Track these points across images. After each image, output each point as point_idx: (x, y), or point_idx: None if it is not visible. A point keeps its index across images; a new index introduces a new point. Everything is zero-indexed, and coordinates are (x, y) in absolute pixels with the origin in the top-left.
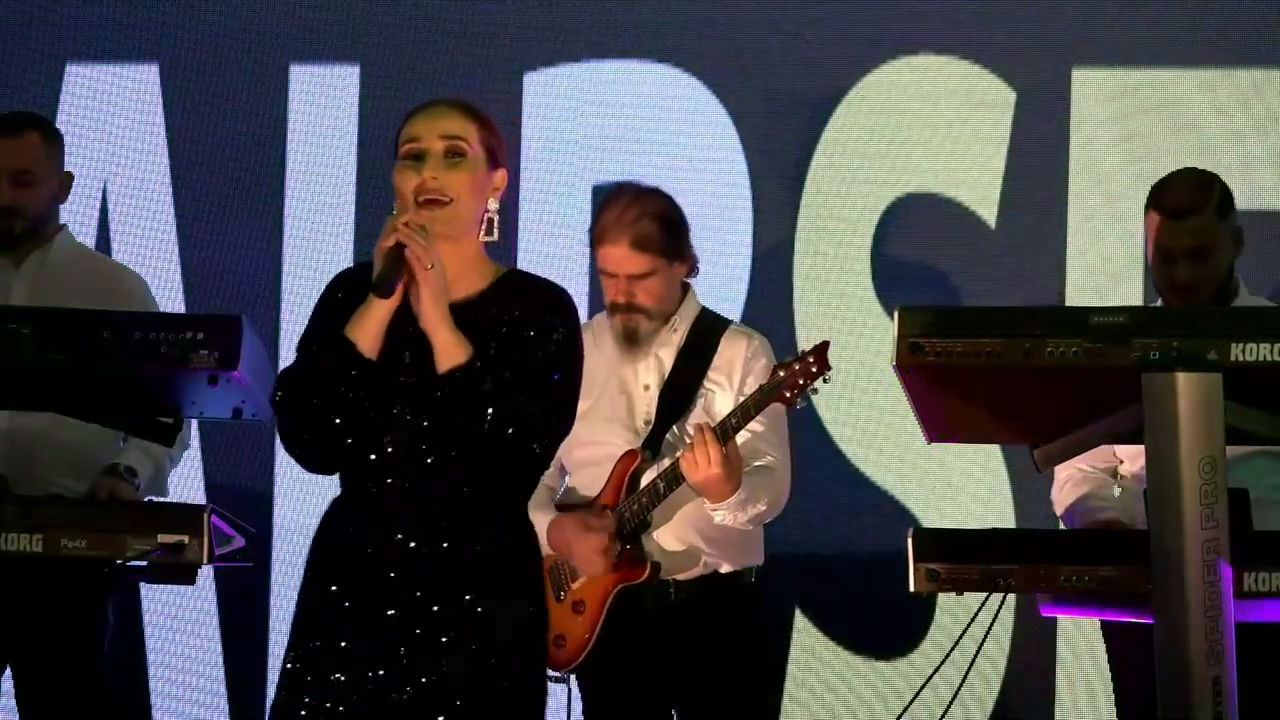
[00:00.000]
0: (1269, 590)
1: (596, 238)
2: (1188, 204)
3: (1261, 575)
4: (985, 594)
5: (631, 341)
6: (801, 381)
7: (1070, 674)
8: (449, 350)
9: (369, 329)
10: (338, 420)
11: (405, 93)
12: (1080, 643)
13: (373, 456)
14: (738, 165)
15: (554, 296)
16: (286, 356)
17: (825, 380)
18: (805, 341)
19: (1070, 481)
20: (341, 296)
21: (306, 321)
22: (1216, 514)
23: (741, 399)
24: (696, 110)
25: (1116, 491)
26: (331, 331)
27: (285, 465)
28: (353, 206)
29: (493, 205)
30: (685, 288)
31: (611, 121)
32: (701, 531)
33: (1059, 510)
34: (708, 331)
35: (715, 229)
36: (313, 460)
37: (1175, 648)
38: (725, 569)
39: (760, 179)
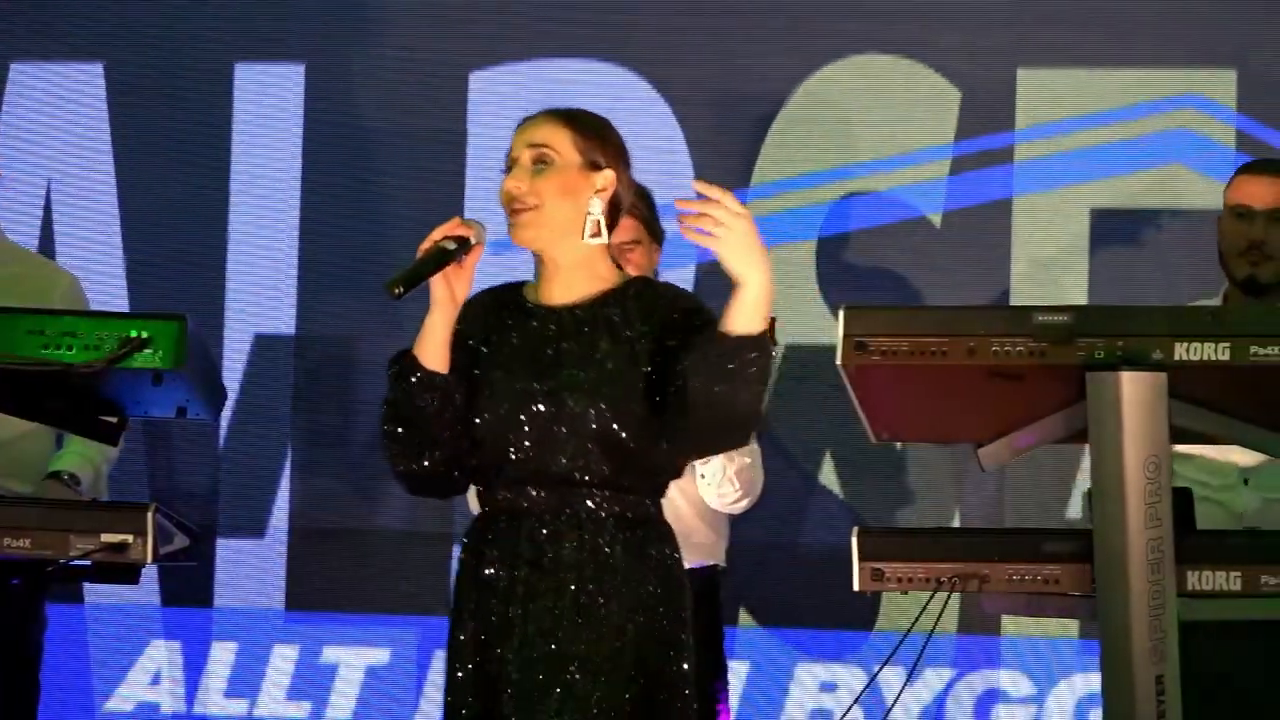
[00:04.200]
0: (1212, 589)
1: None
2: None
3: (1205, 574)
4: (930, 593)
5: None
6: None
7: (1012, 672)
8: (757, 312)
9: (428, 342)
10: (412, 438)
11: (350, 91)
12: (1024, 640)
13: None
14: (683, 164)
15: (683, 294)
16: (231, 356)
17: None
18: None
19: None
20: (460, 327)
21: (253, 321)
22: (1160, 513)
23: None
24: (642, 109)
25: None
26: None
27: (229, 464)
28: (297, 205)
29: (596, 207)
30: None
31: None
32: None
33: None
34: None
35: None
36: (410, 481)
37: (1119, 646)
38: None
39: (705, 178)
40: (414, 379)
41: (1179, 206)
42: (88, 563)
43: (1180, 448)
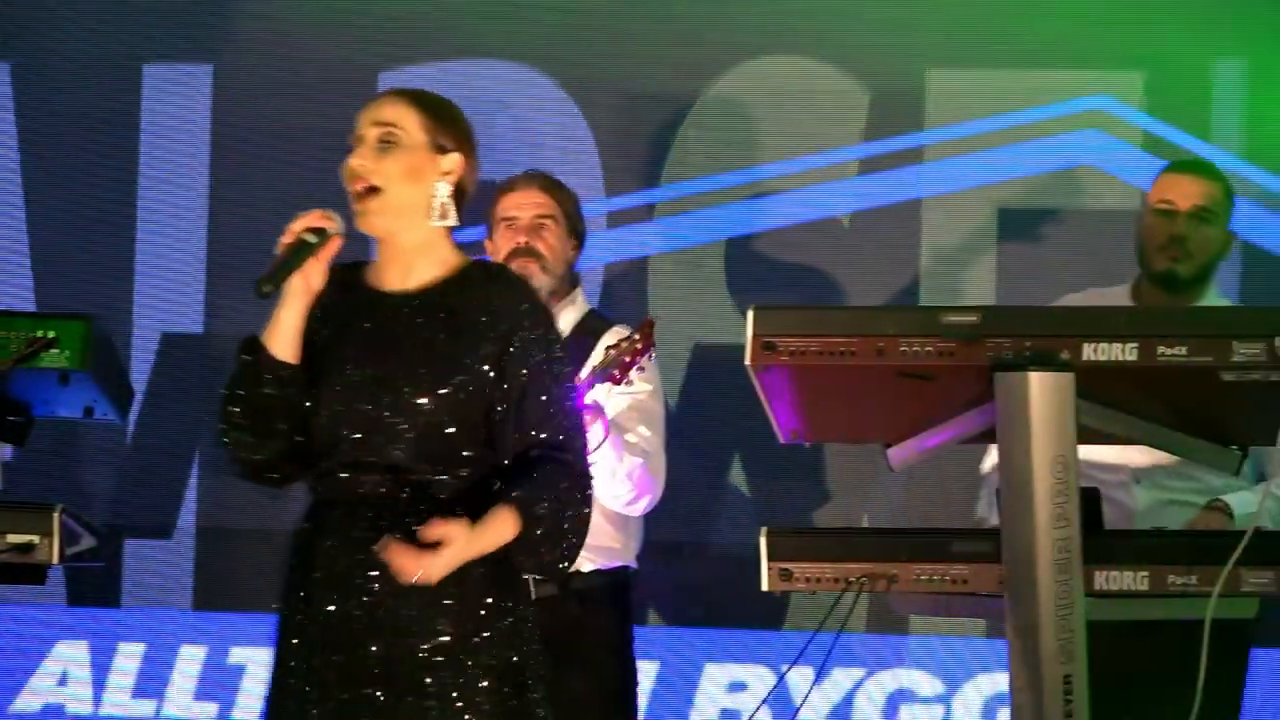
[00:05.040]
0: (1120, 589)
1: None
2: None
3: (1112, 574)
4: (839, 593)
5: None
6: (627, 359)
7: (920, 671)
8: (499, 540)
9: (280, 333)
10: (256, 427)
11: (258, 92)
12: (932, 640)
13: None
14: (592, 166)
15: (529, 294)
16: (139, 355)
17: (650, 358)
18: (660, 340)
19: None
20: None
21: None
22: (1069, 513)
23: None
24: (550, 110)
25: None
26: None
27: (136, 464)
28: (206, 205)
29: (442, 190)
30: (574, 282)
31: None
32: None
33: (984, 466)
34: (590, 332)
35: None
36: (247, 469)
37: (1027, 646)
38: (588, 567)
39: (614, 179)
40: (265, 370)
41: (1087, 207)
42: None
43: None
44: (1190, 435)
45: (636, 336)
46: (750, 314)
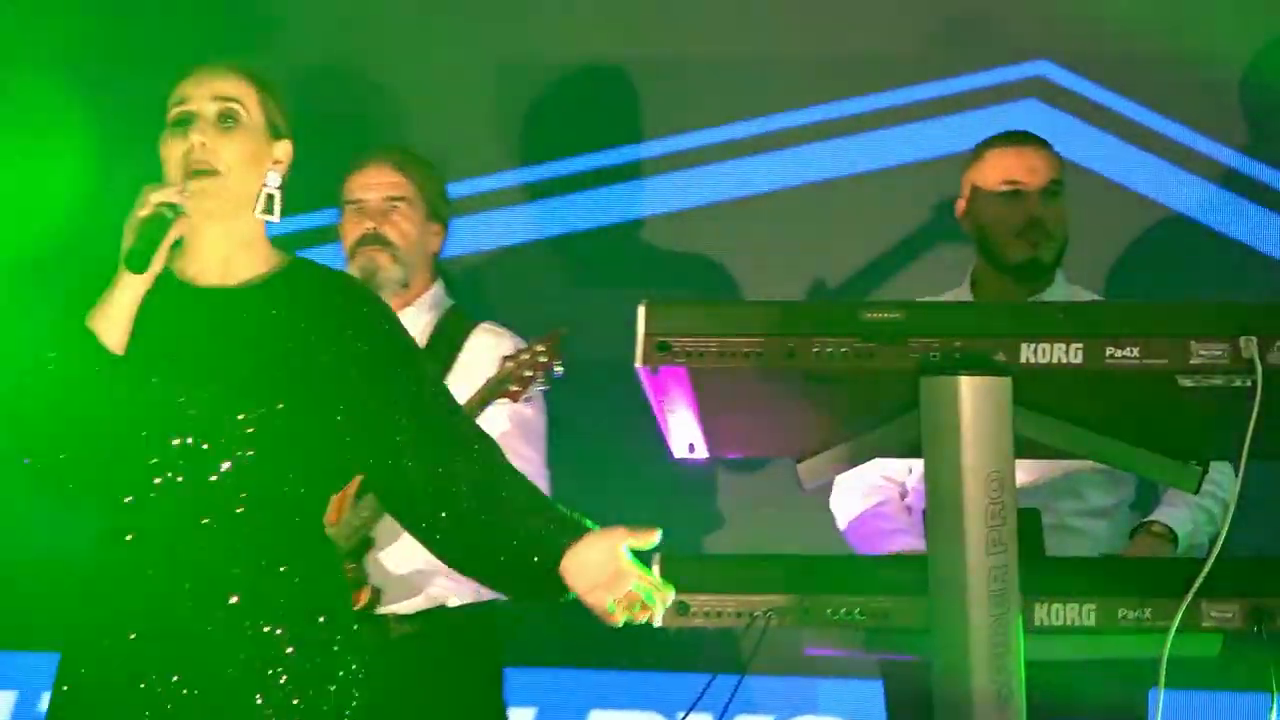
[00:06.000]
0: (1063, 624)
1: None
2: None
3: (1055, 607)
4: (742, 629)
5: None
6: (528, 374)
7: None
8: None
9: (117, 316)
10: (72, 431)
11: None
12: (849, 682)
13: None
14: (457, 142)
15: (368, 295)
16: None
17: (557, 374)
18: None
19: (858, 490)
20: None
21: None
22: (1004, 537)
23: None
24: (411, 80)
25: (909, 501)
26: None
27: None
28: None
29: (273, 180)
30: (436, 273)
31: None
32: (429, 558)
33: (841, 521)
34: (454, 331)
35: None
36: (49, 473)
37: (957, 690)
38: (454, 602)
39: (481, 157)
40: (94, 360)
41: None
42: None
43: None
44: (1144, 449)
45: (541, 349)
46: (641, 309)
